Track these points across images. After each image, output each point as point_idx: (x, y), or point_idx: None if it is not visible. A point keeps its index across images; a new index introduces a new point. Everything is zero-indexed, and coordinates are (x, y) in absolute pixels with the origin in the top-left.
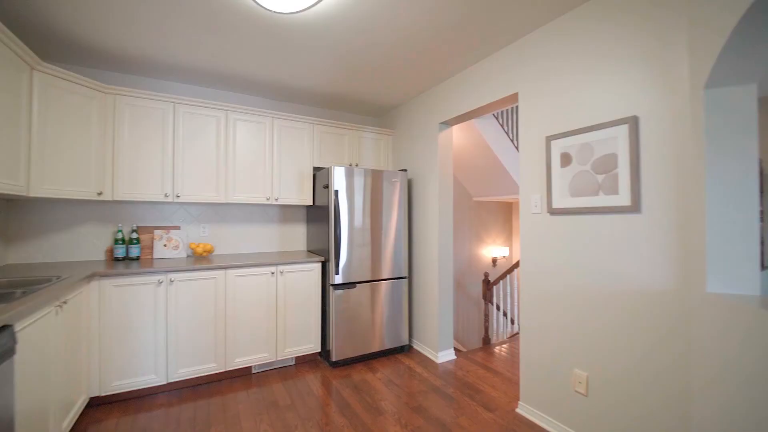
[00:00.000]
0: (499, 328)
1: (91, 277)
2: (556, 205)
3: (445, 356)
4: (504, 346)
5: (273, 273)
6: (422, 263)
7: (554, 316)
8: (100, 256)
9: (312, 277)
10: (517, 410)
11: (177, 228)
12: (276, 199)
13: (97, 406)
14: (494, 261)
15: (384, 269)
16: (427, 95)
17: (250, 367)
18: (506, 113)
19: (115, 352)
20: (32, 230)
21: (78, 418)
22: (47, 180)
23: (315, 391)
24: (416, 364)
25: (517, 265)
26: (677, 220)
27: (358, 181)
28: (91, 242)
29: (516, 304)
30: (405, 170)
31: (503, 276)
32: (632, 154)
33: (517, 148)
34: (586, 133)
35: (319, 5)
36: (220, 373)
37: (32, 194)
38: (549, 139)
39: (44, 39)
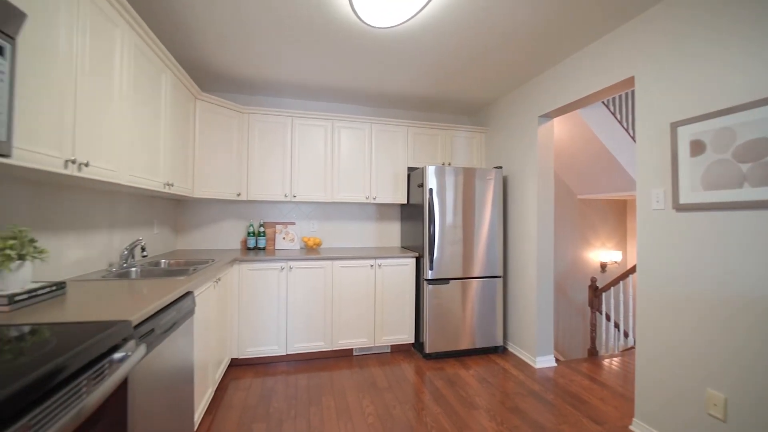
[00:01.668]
0: (609, 340)
1: (233, 261)
2: (684, 200)
3: (544, 362)
4: (615, 359)
5: (372, 266)
6: (519, 264)
7: (681, 328)
8: (236, 245)
9: (407, 271)
10: (631, 427)
11: (293, 224)
12: (374, 198)
13: (236, 366)
14: (603, 266)
15: (476, 267)
16: (524, 89)
17: (352, 349)
18: (619, 99)
19: (249, 323)
20: (192, 224)
21: (224, 374)
22: (204, 184)
23: (410, 379)
24: (511, 366)
25: (632, 270)
26: None
27: (450, 180)
28: (231, 234)
29: (631, 314)
30: (500, 167)
31: (615, 282)
32: None
33: (633, 138)
34: (725, 116)
35: (414, 17)
36: (326, 351)
37: (195, 195)
38: (674, 125)
39: (201, 73)
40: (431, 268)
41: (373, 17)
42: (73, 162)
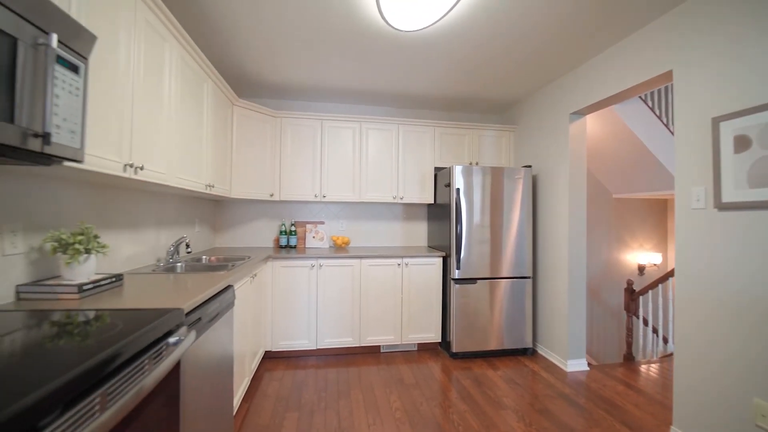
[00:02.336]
0: (647, 345)
1: (267, 259)
2: (727, 198)
3: (576, 366)
4: (653, 365)
5: (399, 264)
6: (549, 264)
7: (724, 333)
8: (269, 243)
9: (433, 270)
10: None
11: (322, 223)
12: (401, 198)
13: (269, 358)
14: (641, 268)
15: (504, 267)
16: (555, 85)
17: (379, 346)
18: (658, 93)
19: (282, 317)
20: (229, 223)
21: (259, 365)
22: (240, 185)
23: (436, 377)
24: (541, 369)
25: (672, 273)
26: None
27: (478, 179)
28: (264, 233)
29: (671, 319)
30: (529, 166)
31: (653, 285)
32: None
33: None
34: None
35: (441, 19)
36: (354, 347)
37: (233, 196)
38: (716, 120)
39: (237, 80)
40: (458, 268)
41: (401, 21)
42: (131, 166)
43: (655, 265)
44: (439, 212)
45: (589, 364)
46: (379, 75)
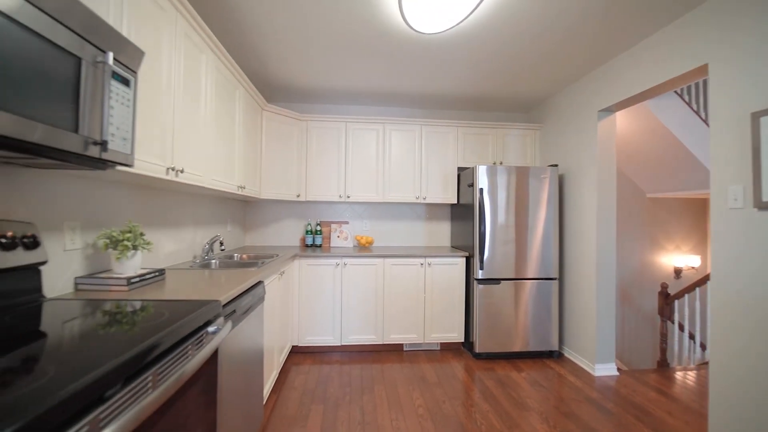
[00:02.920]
0: (682, 351)
1: (294, 257)
2: None
3: (605, 370)
4: (689, 373)
5: (422, 264)
6: (576, 266)
7: (764, 340)
8: (296, 242)
9: (456, 270)
10: None
11: (346, 223)
12: (423, 198)
13: (296, 353)
14: (677, 271)
15: (530, 268)
16: (583, 82)
17: (402, 344)
18: (695, 87)
19: (308, 314)
20: (257, 222)
21: (286, 359)
22: (269, 186)
23: (459, 376)
24: (567, 372)
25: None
26: None
27: (502, 179)
28: (291, 232)
29: (710, 324)
30: (555, 165)
31: (689, 288)
32: None
33: None
34: None
35: (463, 21)
36: (378, 344)
37: (262, 197)
38: (756, 115)
39: (266, 85)
40: (481, 268)
41: (423, 25)
42: (173, 169)
43: (693, 268)
44: (463, 212)
45: (619, 370)
46: (402, 77)
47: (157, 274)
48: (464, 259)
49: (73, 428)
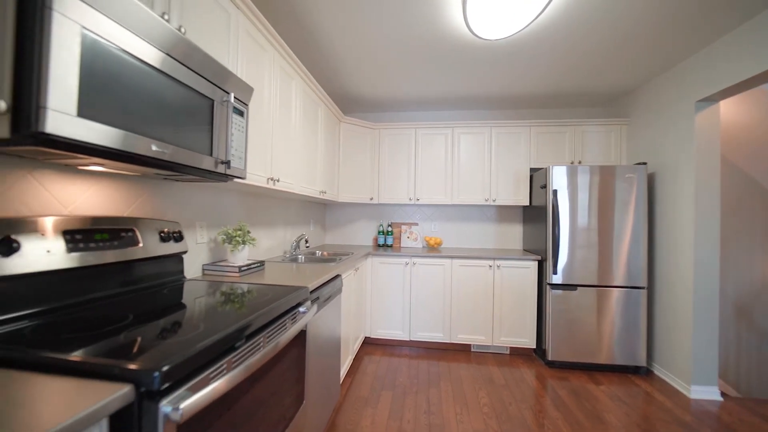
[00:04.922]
0: None
1: (367, 255)
2: None
3: (703, 393)
4: None
5: (491, 266)
6: (670, 275)
7: None
8: (369, 242)
9: (528, 274)
10: None
11: (416, 224)
12: (493, 200)
13: (367, 343)
14: None
15: (613, 275)
16: (675, 71)
17: (469, 345)
18: None
19: (379, 308)
20: (335, 223)
21: (359, 348)
22: (345, 190)
23: (528, 381)
24: (655, 390)
25: None
26: None
27: (582, 179)
28: (364, 232)
29: None
30: (644, 163)
31: None
32: None
33: None
34: None
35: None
36: (445, 343)
37: (339, 200)
38: None
39: (342, 98)
40: (555, 273)
41: (489, 32)
42: (272, 179)
43: None
44: (535, 214)
45: (724, 395)
46: (471, 82)
47: (259, 264)
48: (536, 262)
49: (217, 363)
